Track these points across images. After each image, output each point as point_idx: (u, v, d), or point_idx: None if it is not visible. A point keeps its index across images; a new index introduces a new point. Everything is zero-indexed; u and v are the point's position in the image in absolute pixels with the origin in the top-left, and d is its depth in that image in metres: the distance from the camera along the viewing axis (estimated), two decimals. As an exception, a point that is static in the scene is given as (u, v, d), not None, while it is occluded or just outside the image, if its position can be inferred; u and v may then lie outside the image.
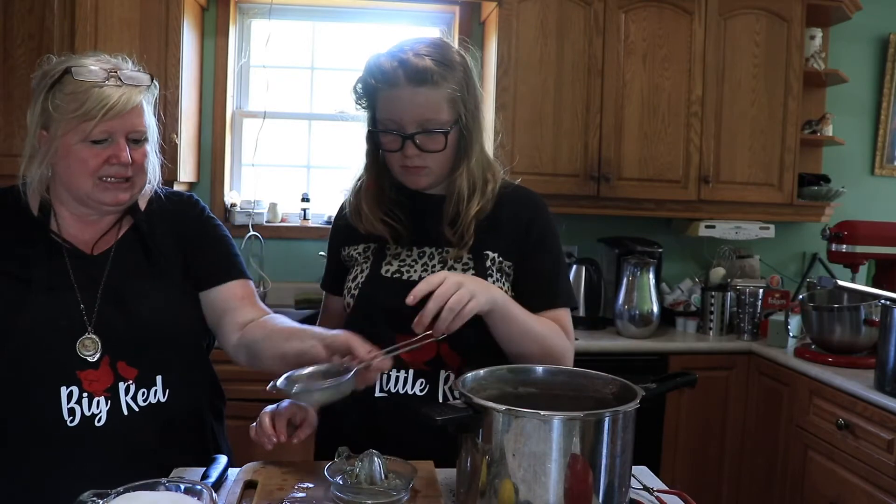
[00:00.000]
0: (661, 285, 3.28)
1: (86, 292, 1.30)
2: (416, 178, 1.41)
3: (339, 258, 1.55)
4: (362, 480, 1.17)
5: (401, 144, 1.37)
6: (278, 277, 3.26)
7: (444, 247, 1.43)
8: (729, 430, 2.95)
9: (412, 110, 1.34)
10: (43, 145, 1.27)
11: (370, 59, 1.41)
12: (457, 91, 1.35)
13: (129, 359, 1.30)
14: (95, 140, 1.24)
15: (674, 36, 3.05)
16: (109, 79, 1.24)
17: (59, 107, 1.23)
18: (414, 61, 1.33)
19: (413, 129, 1.35)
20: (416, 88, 1.33)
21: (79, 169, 1.25)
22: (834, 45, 3.45)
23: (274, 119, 3.32)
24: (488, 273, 1.42)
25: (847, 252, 2.89)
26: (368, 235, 1.47)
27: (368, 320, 1.42)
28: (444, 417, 1.00)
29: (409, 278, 1.42)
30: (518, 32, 2.98)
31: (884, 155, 3.58)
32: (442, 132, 1.35)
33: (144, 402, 1.31)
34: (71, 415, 1.25)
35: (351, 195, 1.51)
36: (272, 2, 3.22)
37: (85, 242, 1.34)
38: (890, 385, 2.21)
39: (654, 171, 3.06)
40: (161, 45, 2.80)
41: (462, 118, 1.37)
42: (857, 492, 2.29)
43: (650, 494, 1.28)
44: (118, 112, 1.24)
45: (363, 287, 1.44)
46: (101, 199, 1.29)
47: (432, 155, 1.37)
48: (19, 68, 2.77)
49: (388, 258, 1.45)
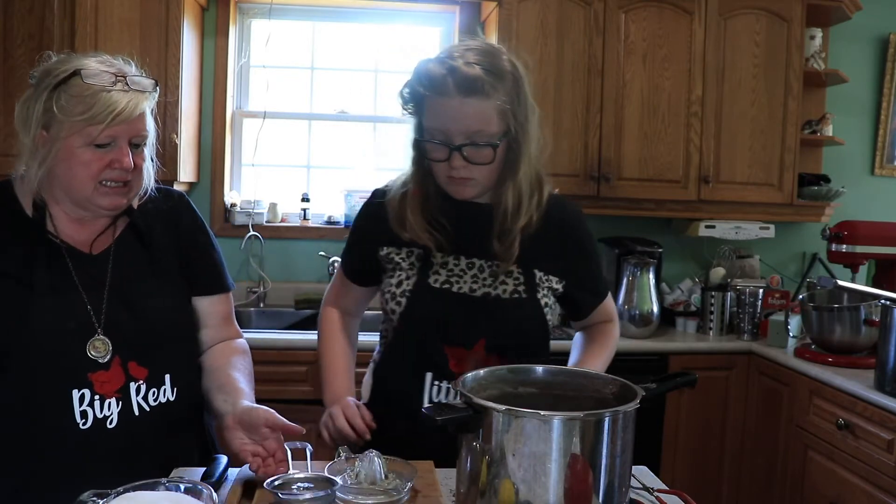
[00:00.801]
0: (661, 285, 3.28)
1: (91, 293, 1.29)
2: (462, 189, 1.38)
3: (373, 254, 1.49)
4: (362, 480, 1.17)
5: (447, 155, 1.33)
6: (278, 277, 3.26)
7: (493, 259, 1.43)
8: (729, 430, 2.95)
9: (461, 121, 1.30)
10: (42, 146, 1.25)
11: (419, 65, 1.36)
12: (507, 102, 1.32)
13: (140, 359, 1.30)
14: (99, 144, 1.24)
15: (674, 36, 3.05)
16: (117, 83, 1.23)
17: (64, 108, 1.21)
18: (464, 70, 1.28)
19: (461, 140, 1.31)
20: (465, 98, 1.29)
21: (81, 172, 1.24)
22: (834, 45, 3.45)
23: (274, 119, 3.32)
24: (538, 289, 1.44)
25: (847, 252, 2.89)
26: (411, 241, 1.43)
27: (417, 331, 1.42)
28: (444, 417, 1.00)
29: (459, 290, 1.42)
30: (518, 32, 2.97)
31: (884, 155, 3.58)
32: (490, 145, 1.32)
33: (155, 401, 1.31)
34: (83, 417, 1.24)
35: (395, 202, 1.45)
36: (272, 2, 3.22)
37: (82, 242, 1.33)
38: (890, 385, 2.21)
39: (654, 171, 3.06)
40: (161, 45, 2.79)
41: (511, 130, 1.34)
42: (857, 492, 2.29)
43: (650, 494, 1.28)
44: (125, 118, 1.23)
45: (411, 297, 1.42)
46: (100, 203, 1.28)
47: (479, 167, 1.34)
48: (19, 68, 2.77)
49: (436, 267, 1.43)
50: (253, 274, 3.23)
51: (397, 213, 1.44)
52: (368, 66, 3.42)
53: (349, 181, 3.34)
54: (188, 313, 1.42)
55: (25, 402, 1.23)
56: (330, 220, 3.29)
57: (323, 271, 3.24)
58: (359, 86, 3.41)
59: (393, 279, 1.46)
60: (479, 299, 1.42)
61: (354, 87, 3.41)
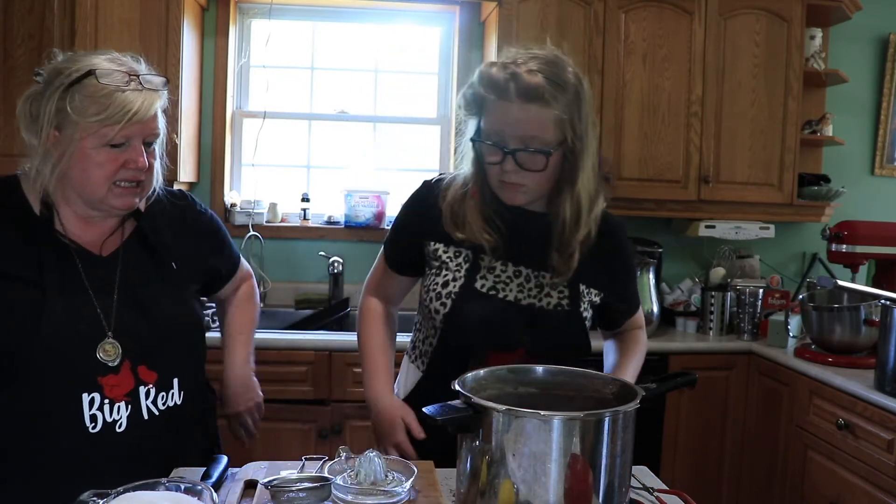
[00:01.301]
0: (661, 285, 3.28)
1: (101, 296, 1.28)
2: (513, 194, 1.38)
3: (419, 247, 1.50)
4: (362, 480, 1.17)
5: (501, 158, 1.34)
6: (278, 277, 3.26)
7: (540, 270, 1.44)
8: (729, 430, 2.95)
9: (517, 126, 1.31)
10: (55, 147, 1.24)
11: (482, 68, 1.37)
12: (565, 113, 1.32)
13: (149, 363, 1.30)
14: (114, 144, 1.23)
15: (674, 36, 3.04)
16: (130, 82, 1.23)
17: (78, 108, 1.21)
18: (526, 77, 1.30)
19: (515, 144, 1.32)
20: (525, 105, 1.30)
21: (96, 173, 1.24)
22: (834, 45, 3.45)
23: (274, 119, 3.32)
24: (581, 303, 1.45)
25: (847, 252, 2.89)
26: (462, 241, 1.44)
27: (462, 334, 1.43)
28: (444, 417, 1.00)
29: (505, 297, 1.43)
30: (518, 32, 2.97)
31: (884, 155, 3.58)
32: (543, 152, 1.32)
33: (163, 405, 1.31)
34: (93, 421, 1.24)
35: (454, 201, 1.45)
36: (272, 2, 3.22)
37: (91, 243, 1.32)
38: (890, 385, 2.21)
39: (654, 171, 3.06)
40: (161, 45, 2.80)
41: (568, 141, 1.34)
42: (857, 492, 2.29)
43: (650, 494, 1.28)
44: (140, 118, 1.23)
45: (457, 299, 1.43)
46: (113, 204, 1.27)
47: (531, 174, 1.34)
48: (19, 68, 2.77)
49: (483, 271, 1.44)
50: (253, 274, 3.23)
51: (455, 212, 1.44)
52: (368, 66, 3.41)
53: (349, 181, 3.34)
54: (197, 316, 1.42)
55: (36, 406, 1.23)
56: (330, 220, 3.29)
57: (323, 271, 3.24)
58: (359, 86, 3.41)
59: (439, 277, 1.46)
60: (525, 308, 1.43)
61: (354, 87, 3.41)
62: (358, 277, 3.25)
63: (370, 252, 3.29)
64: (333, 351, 2.64)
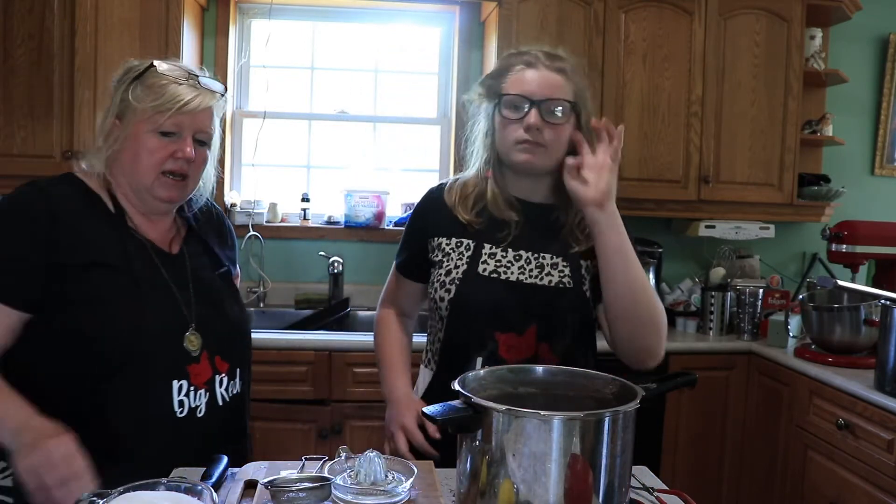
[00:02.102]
0: (661, 285, 3.28)
1: (181, 290, 1.37)
2: (531, 154, 1.43)
3: (423, 245, 1.55)
4: (362, 480, 1.17)
5: (525, 112, 1.40)
6: (278, 277, 3.26)
7: (540, 252, 1.48)
8: (729, 430, 2.95)
9: (544, 84, 1.41)
10: (113, 133, 1.33)
11: (504, 57, 1.50)
12: (582, 90, 1.45)
13: (223, 353, 1.40)
14: (164, 132, 1.32)
15: (674, 36, 3.05)
16: (189, 79, 1.34)
17: (137, 97, 1.31)
18: (550, 52, 1.45)
19: (541, 98, 1.40)
20: (551, 71, 1.41)
21: (146, 158, 1.32)
22: (834, 45, 3.45)
23: (274, 119, 3.32)
24: (583, 281, 1.48)
25: (847, 252, 2.89)
26: (463, 230, 1.49)
27: (468, 318, 1.46)
28: (445, 417, 1.00)
29: (507, 279, 1.46)
30: (518, 32, 2.97)
31: (884, 155, 3.58)
32: (568, 101, 1.41)
33: (231, 393, 1.41)
34: (180, 407, 1.32)
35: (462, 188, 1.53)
36: (272, 2, 3.22)
37: (159, 240, 1.40)
38: (890, 385, 2.21)
39: (654, 171, 3.06)
40: (161, 45, 2.80)
41: (581, 116, 1.44)
42: (857, 492, 2.29)
43: (650, 494, 1.28)
44: (191, 109, 1.32)
45: (461, 285, 1.46)
46: (158, 194, 1.35)
47: (551, 129, 1.41)
48: (19, 68, 2.77)
49: (484, 257, 1.48)
50: (253, 274, 3.23)
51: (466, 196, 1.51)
52: (368, 66, 3.42)
53: (349, 181, 3.34)
54: (247, 313, 1.57)
55: (135, 392, 1.29)
56: (330, 220, 3.29)
57: (323, 271, 3.24)
58: (359, 86, 3.42)
59: (442, 268, 1.50)
60: (529, 286, 1.46)
61: (354, 87, 3.41)
62: (358, 277, 3.26)
63: (370, 252, 3.31)
64: (333, 351, 2.64)
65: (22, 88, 2.78)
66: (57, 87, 2.79)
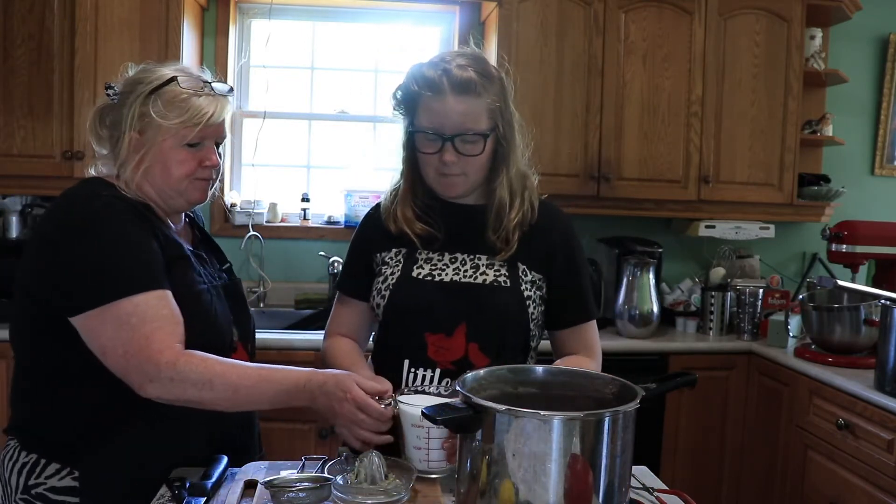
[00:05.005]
0: (661, 285, 3.28)
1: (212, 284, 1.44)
2: (452, 185, 1.44)
3: (366, 262, 1.56)
4: (362, 480, 1.17)
5: (439, 147, 1.39)
6: (278, 277, 3.26)
7: (476, 253, 1.48)
8: (729, 430, 2.95)
9: (454, 118, 1.38)
10: (136, 148, 1.34)
11: (413, 68, 1.45)
12: (496, 102, 1.41)
13: (250, 345, 1.50)
14: (190, 144, 1.36)
15: (674, 36, 3.05)
16: (204, 88, 1.36)
17: (161, 112, 1.32)
18: (457, 72, 1.37)
19: (452, 132, 1.38)
20: (458, 97, 1.37)
21: (177, 170, 1.35)
22: (834, 45, 3.45)
23: (274, 119, 3.32)
24: (521, 283, 1.47)
25: (847, 252, 2.89)
26: (400, 240, 1.50)
27: (399, 321, 1.47)
28: (444, 417, 1.00)
29: (441, 280, 1.46)
30: (518, 32, 2.97)
31: (884, 155, 3.58)
32: (481, 134, 1.39)
33: None
34: None
35: (387, 200, 1.55)
36: (272, 2, 3.22)
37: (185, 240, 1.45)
38: (890, 385, 2.21)
39: (654, 171, 3.06)
40: (161, 45, 2.80)
41: (499, 128, 1.42)
42: (857, 492, 2.29)
43: (650, 494, 1.28)
44: (215, 121, 1.37)
45: (394, 289, 1.47)
46: (193, 197, 1.40)
47: (470, 160, 1.40)
48: (19, 68, 2.77)
49: (420, 262, 1.49)
50: (253, 274, 3.23)
51: (389, 209, 1.52)
52: (368, 66, 3.42)
53: (349, 181, 3.34)
54: None
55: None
56: (330, 220, 3.29)
57: (323, 271, 3.24)
58: (359, 86, 3.41)
59: (380, 277, 1.51)
60: (461, 285, 1.46)
61: (354, 87, 3.41)
62: (358, 277, 3.26)
63: (370, 252, 3.31)
64: (333, 351, 2.63)
65: (22, 88, 2.78)
66: (57, 87, 2.79)
